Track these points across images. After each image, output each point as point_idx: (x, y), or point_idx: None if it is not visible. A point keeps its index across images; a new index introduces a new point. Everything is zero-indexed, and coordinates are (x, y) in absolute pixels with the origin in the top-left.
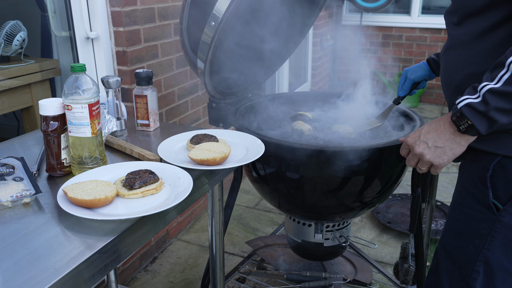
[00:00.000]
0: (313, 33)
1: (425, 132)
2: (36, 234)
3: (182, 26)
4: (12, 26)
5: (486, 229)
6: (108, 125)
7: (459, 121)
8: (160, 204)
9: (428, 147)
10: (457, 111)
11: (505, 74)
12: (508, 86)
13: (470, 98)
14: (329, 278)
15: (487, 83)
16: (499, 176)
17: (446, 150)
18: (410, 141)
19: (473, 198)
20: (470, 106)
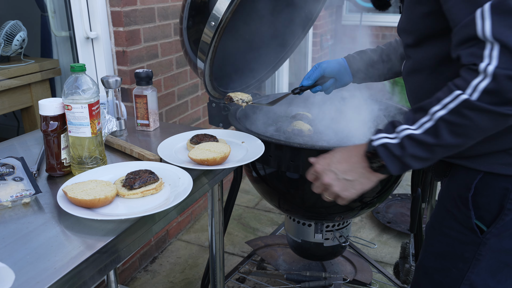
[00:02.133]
0: (313, 33)
1: (336, 161)
2: (36, 234)
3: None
4: (12, 26)
5: (470, 252)
6: (108, 125)
7: (372, 158)
8: (160, 204)
9: (337, 179)
10: (372, 148)
11: (426, 123)
12: (428, 136)
13: (388, 137)
14: (329, 278)
15: (407, 126)
16: (481, 194)
17: (356, 184)
18: (319, 168)
19: (453, 219)
20: (386, 147)
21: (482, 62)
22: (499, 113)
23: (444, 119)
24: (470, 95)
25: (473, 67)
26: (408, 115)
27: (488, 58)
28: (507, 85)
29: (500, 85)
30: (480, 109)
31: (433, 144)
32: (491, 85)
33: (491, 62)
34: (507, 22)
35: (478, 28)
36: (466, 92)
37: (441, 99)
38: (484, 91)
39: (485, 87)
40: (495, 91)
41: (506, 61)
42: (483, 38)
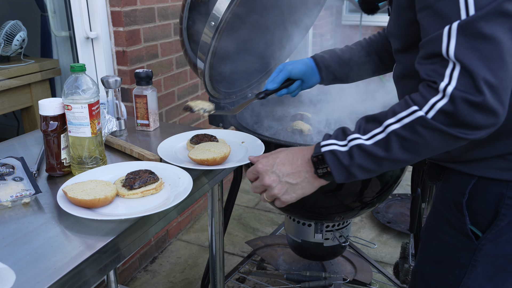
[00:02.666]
0: (313, 33)
1: (280, 163)
2: (36, 234)
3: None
4: (12, 26)
5: (466, 258)
6: (108, 125)
7: (318, 164)
8: (160, 204)
9: (279, 181)
10: (320, 153)
11: (378, 134)
12: (378, 148)
13: (337, 144)
14: (329, 278)
15: (358, 135)
16: (476, 199)
17: (297, 188)
18: (261, 168)
19: (448, 224)
20: (334, 154)
21: (442, 81)
22: (451, 134)
23: (397, 133)
24: (426, 112)
25: (433, 85)
26: (360, 123)
27: (448, 77)
28: (463, 108)
29: (457, 107)
30: (433, 128)
31: (382, 157)
32: (447, 105)
33: (451, 82)
34: (471, 44)
35: (443, 45)
36: (423, 109)
37: (397, 113)
38: (440, 111)
39: (442, 107)
40: (451, 112)
41: (465, 84)
42: (446, 57)
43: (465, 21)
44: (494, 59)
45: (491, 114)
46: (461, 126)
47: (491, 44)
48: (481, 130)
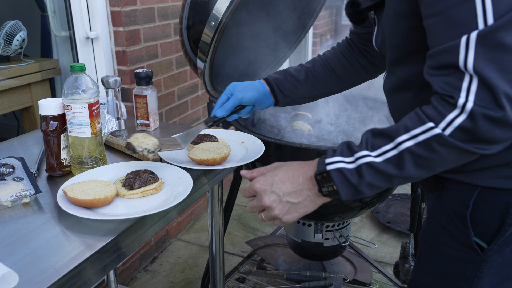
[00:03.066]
0: (313, 33)
1: (280, 181)
2: (36, 234)
3: (182, 26)
4: (12, 26)
5: (472, 270)
6: (108, 125)
7: (323, 182)
8: (160, 204)
9: (280, 201)
10: (325, 171)
11: (390, 151)
12: (390, 166)
13: (344, 162)
14: (329, 278)
15: (367, 152)
16: (480, 210)
17: (299, 207)
18: (259, 188)
19: (450, 236)
20: (341, 172)
21: (460, 96)
22: (468, 150)
23: (411, 151)
24: (444, 129)
25: (450, 100)
26: (367, 138)
27: (465, 91)
28: (483, 125)
29: (476, 124)
30: (451, 145)
31: (394, 175)
32: (467, 122)
33: (469, 96)
34: (490, 56)
35: (460, 57)
36: (439, 125)
37: (410, 129)
38: (458, 128)
39: (461, 124)
40: (470, 129)
41: (484, 98)
42: (463, 69)
43: (485, 30)
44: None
45: (510, 128)
46: (479, 141)
47: (511, 55)
48: (498, 145)
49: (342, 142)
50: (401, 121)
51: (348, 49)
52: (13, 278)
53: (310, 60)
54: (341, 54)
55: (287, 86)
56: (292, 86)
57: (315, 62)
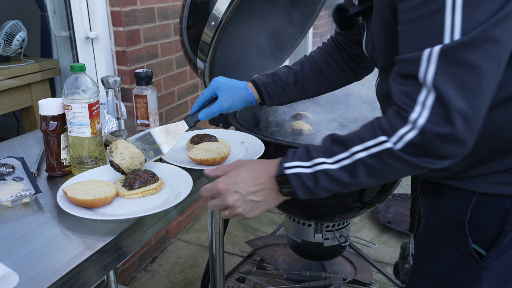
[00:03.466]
0: (313, 33)
1: (242, 181)
2: (36, 234)
3: (182, 26)
4: (12, 26)
5: (470, 277)
6: (108, 125)
7: (282, 184)
8: (160, 204)
9: (243, 200)
10: (283, 174)
11: (345, 160)
12: (344, 174)
13: (302, 166)
14: (329, 278)
15: (324, 159)
16: (478, 217)
17: (262, 205)
18: (222, 188)
19: (447, 243)
20: (298, 176)
21: (413, 110)
22: (418, 164)
23: (363, 162)
24: (395, 144)
25: (403, 114)
26: (326, 144)
27: (421, 105)
28: (433, 141)
29: (426, 140)
30: (401, 159)
31: (347, 182)
32: (417, 138)
33: (422, 112)
34: (451, 72)
35: (421, 69)
36: (391, 140)
37: (364, 141)
38: (409, 143)
39: (411, 139)
40: (420, 144)
41: (438, 114)
42: (422, 82)
43: (449, 46)
44: (471, 88)
45: (461, 144)
46: (429, 156)
47: (471, 72)
48: (448, 160)
49: (302, 145)
50: (359, 129)
51: (335, 50)
52: (13, 278)
53: (297, 62)
54: (329, 56)
55: (276, 90)
56: (281, 90)
57: (303, 64)
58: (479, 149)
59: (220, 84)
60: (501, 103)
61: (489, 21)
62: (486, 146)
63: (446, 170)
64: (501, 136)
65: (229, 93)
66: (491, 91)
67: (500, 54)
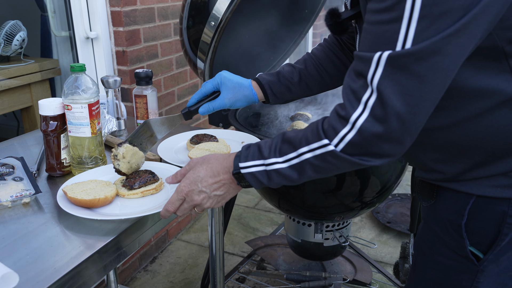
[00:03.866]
0: (313, 33)
1: (203, 180)
2: (36, 234)
3: (182, 26)
4: (11, 26)
5: (468, 280)
6: (108, 125)
7: (239, 179)
8: (160, 204)
9: (209, 197)
10: (239, 173)
11: (293, 159)
12: (293, 171)
13: (255, 165)
14: (329, 278)
15: (275, 160)
16: (475, 219)
17: (226, 195)
18: (187, 192)
19: (445, 245)
20: (253, 175)
21: (355, 110)
22: (356, 162)
23: (309, 162)
24: (336, 145)
25: (344, 115)
26: (277, 143)
27: (363, 105)
28: (371, 141)
29: (364, 140)
30: (342, 158)
31: (297, 179)
32: (356, 138)
33: (363, 112)
34: (396, 78)
35: (370, 71)
36: (333, 142)
37: (309, 142)
38: (349, 143)
39: (350, 140)
40: (359, 144)
41: (376, 115)
42: (369, 82)
43: (397, 53)
44: (413, 95)
45: (398, 144)
46: (367, 155)
47: (415, 81)
48: (385, 158)
49: (254, 143)
50: (306, 130)
51: (338, 47)
52: (13, 278)
53: (300, 60)
54: (331, 53)
55: (281, 89)
56: (285, 89)
57: (306, 62)
58: (476, 152)
59: (225, 80)
60: (495, 107)
61: (440, 35)
62: (483, 149)
63: (443, 172)
64: (496, 139)
65: (233, 91)
66: (435, 99)
67: (449, 67)
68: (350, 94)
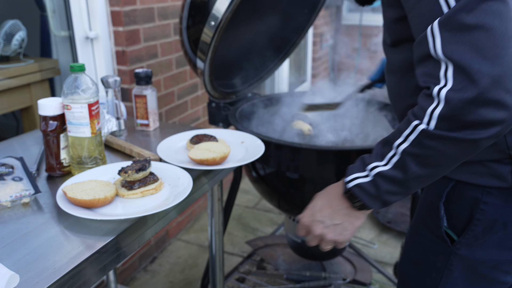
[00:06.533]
0: (313, 33)
1: (319, 209)
2: (36, 234)
3: (182, 26)
4: (11, 26)
5: (442, 262)
6: (108, 125)
7: (352, 199)
8: (159, 204)
9: (326, 226)
10: (348, 190)
11: (393, 157)
12: (397, 171)
13: (360, 177)
14: (329, 278)
15: (377, 163)
16: (453, 203)
17: (346, 225)
18: (306, 221)
19: (426, 227)
20: (360, 187)
21: (436, 85)
22: (462, 139)
23: (408, 152)
24: (428, 123)
25: (427, 92)
26: (377, 149)
27: (443, 79)
28: (462, 109)
29: (454, 109)
30: (440, 137)
31: (404, 179)
32: (445, 110)
33: (447, 84)
34: (458, 39)
35: (430, 46)
36: (423, 121)
37: (402, 131)
38: (440, 118)
39: (440, 113)
40: (451, 116)
41: (461, 81)
42: (435, 57)
43: (445, 16)
44: (487, 47)
45: (497, 106)
46: (468, 127)
47: (480, 33)
48: (494, 126)
49: (358, 158)
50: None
51: None
52: (14, 279)
53: None
54: None
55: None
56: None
57: None
58: None
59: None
60: None
61: None
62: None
63: None
64: None
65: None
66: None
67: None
68: (426, 78)
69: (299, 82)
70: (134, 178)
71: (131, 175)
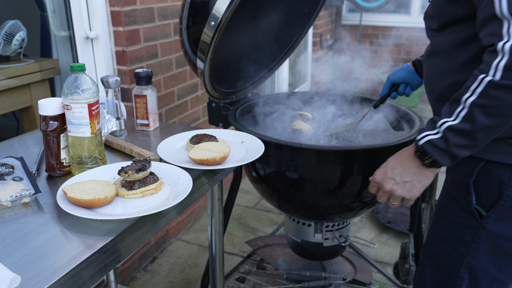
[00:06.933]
0: (313, 33)
1: (391, 168)
2: (36, 234)
3: (182, 26)
4: (11, 26)
5: (470, 236)
6: (108, 125)
7: (422, 157)
8: (159, 204)
9: (396, 183)
10: (419, 147)
11: (462, 111)
12: (466, 124)
13: (430, 134)
14: (329, 278)
15: (446, 119)
16: (483, 181)
17: (415, 183)
18: (378, 178)
19: (456, 204)
20: (431, 143)
21: (500, 41)
22: None
23: (476, 104)
24: (493, 75)
25: (491, 48)
26: (446, 109)
27: (507, 35)
28: None
29: None
30: (506, 86)
31: (472, 130)
32: (510, 61)
33: (509, 39)
34: None
35: (496, 6)
36: (489, 74)
37: (469, 86)
38: (505, 68)
39: (505, 65)
40: None
41: None
42: (501, 16)
43: None
44: None
45: None
46: None
47: None
48: None
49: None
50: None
51: None
52: (15, 281)
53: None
54: None
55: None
56: None
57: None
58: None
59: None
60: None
61: None
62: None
63: None
64: None
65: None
66: None
67: None
68: (490, 37)
69: (299, 82)
70: (134, 178)
71: (131, 175)
